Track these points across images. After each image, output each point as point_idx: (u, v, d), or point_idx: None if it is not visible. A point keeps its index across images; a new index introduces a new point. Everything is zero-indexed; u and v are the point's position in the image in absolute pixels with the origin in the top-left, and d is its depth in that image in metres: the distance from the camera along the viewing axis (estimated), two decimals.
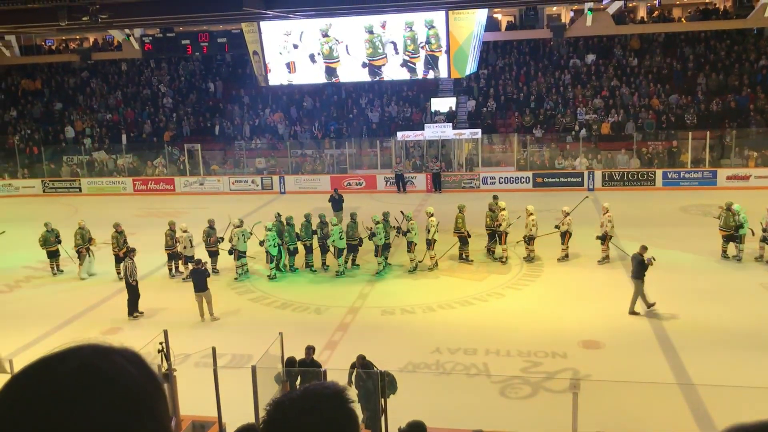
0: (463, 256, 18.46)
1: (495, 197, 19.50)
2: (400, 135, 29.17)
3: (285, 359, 10.39)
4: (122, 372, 1.12)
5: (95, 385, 1.08)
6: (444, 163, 29.33)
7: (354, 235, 18.02)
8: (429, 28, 18.26)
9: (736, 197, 19.01)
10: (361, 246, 18.17)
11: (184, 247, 17.88)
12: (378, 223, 17.75)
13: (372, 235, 17.65)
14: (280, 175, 30.13)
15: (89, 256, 18.59)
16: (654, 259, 14.51)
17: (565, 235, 18.07)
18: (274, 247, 17.71)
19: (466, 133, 28.98)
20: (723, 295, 15.33)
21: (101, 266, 18.74)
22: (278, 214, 18.67)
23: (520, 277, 17.35)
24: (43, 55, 36.56)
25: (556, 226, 18.28)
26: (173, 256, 18.21)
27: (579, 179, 27.57)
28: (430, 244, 17.91)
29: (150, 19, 16.07)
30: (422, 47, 18.56)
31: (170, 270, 18.33)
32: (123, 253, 17.90)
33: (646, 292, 14.44)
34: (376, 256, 17.84)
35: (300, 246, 18.29)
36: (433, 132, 28.91)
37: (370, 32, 18.86)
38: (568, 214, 18.07)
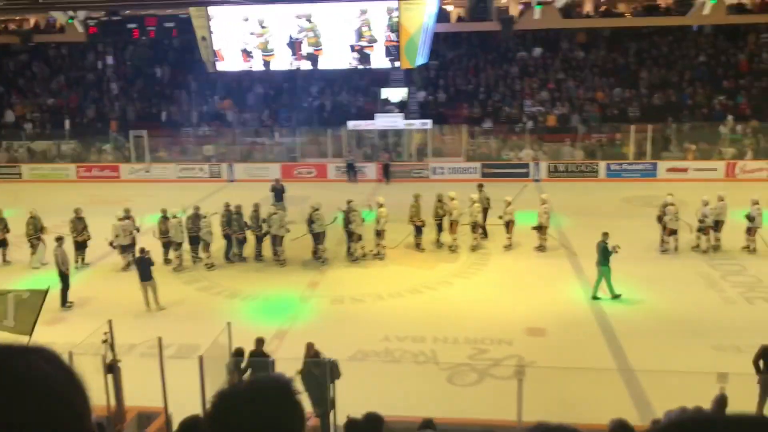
0: (417, 244, 18.63)
1: (480, 186, 19.92)
2: (351, 124, 29.12)
3: (234, 350, 10.34)
4: (36, 369, 1.10)
5: (8, 384, 1.06)
6: (391, 154, 29.38)
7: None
8: (391, 14, 18.26)
9: (675, 189, 19.64)
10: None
11: (116, 236, 17.49)
12: (317, 210, 17.73)
13: (311, 222, 17.66)
14: (229, 163, 29.75)
15: (42, 244, 18.05)
16: (619, 248, 14.91)
17: (509, 225, 18.41)
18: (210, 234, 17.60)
19: (417, 124, 29.12)
20: (662, 283, 15.87)
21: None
22: (227, 203, 18.47)
23: (468, 266, 17.60)
24: None
25: (500, 216, 18.60)
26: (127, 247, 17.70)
27: (525, 170, 28.01)
28: (380, 234, 18.01)
29: (94, 3, 15.66)
30: (385, 36, 18.53)
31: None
32: (83, 240, 17.54)
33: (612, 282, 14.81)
34: (316, 243, 17.82)
35: (250, 235, 18.16)
36: (384, 122, 28.96)
37: (309, 21, 18.84)
38: (509, 203, 18.41)
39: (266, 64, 19.82)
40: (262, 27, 19.10)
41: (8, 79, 35.41)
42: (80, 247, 17.79)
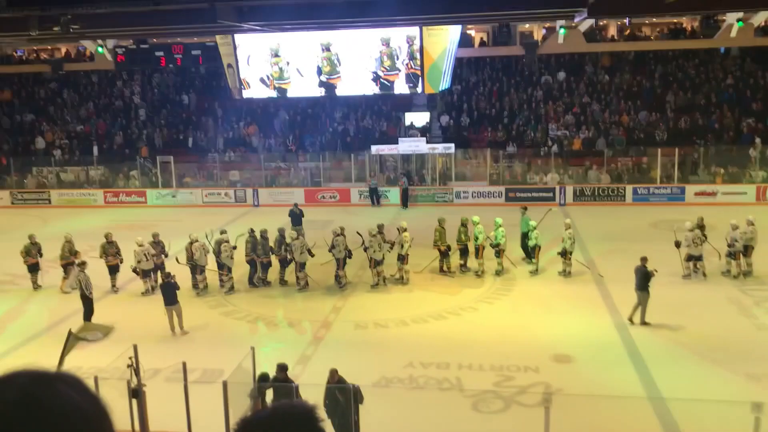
0: (444, 269, 18.50)
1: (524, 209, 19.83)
2: (374, 149, 29.25)
3: (258, 375, 10.29)
4: (65, 399, 1.10)
5: (38, 416, 1.05)
6: (407, 179, 29.18)
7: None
8: (411, 44, 18.39)
9: (704, 213, 19.36)
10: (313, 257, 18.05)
11: (138, 261, 17.53)
12: (338, 235, 17.71)
13: (331, 248, 17.63)
14: (254, 188, 29.98)
15: (75, 269, 18.18)
16: (656, 271, 14.70)
17: (534, 249, 18.24)
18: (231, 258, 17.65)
19: (440, 148, 29.14)
20: (692, 309, 15.55)
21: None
22: (251, 229, 18.49)
23: (492, 291, 17.43)
24: (14, 65, 36.06)
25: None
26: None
27: (551, 194, 27.86)
28: (403, 258, 17.93)
29: (123, 31, 15.97)
30: (405, 64, 18.68)
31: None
32: (115, 264, 17.71)
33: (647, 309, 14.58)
34: (337, 268, 17.78)
35: (274, 259, 18.17)
36: (407, 146, 29.05)
37: (327, 49, 19.02)
38: (534, 228, 18.25)
39: (281, 91, 20.06)
40: (276, 56, 19.36)
41: (39, 107, 36.18)
42: (112, 271, 17.90)
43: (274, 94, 20.54)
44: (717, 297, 16.34)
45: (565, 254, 17.93)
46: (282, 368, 10.52)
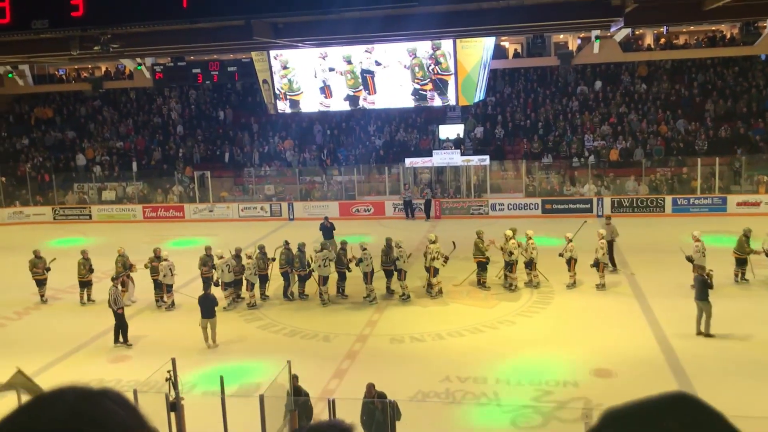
0: (481, 282, 18.35)
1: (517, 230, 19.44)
2: (408, 161, 29.25)
3: (293, 387, 10.31)
4: (111, 416, 1.11)
5: (85, 429, 1.07)
6: (430, 190, 29.12)
7: (343, 262, 18.01)
8: (436, 50, 18.37)
9: (748, 223, 18.89)
10: (350, 272, 18.08)
11: (164, 275, 17.71)
12: (365, 249, 17.70)
13: (359, 262, 17.61)
14: (289, 201, 30.20)
15: (131, 283, 18.47)
16: (712, 271, 14.53)
17: (571, 262, 17.99)
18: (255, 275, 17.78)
19: (474, 160, 29.01)
20: (737, 322, 15.14)
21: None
22: (286, 241, 18.59)
23: (530, 304, 17.22)
24: (56, 83, 37.01)
25: (560, 254, 18.22)
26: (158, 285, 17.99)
27: (588, 206, 27.49)
28: (430, 270, 17.83)
29: (161, 49, 16.23)
30: (431, 71, 18.64)
31: (156, 300, 18.10)
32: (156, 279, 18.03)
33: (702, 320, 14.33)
34: (365, 282, 17.73)
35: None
36: (441, 158, 28.98)
37: (349, 62, 19.10)
38: (570, 240, 18.02)
39: (294, 103, 20.21)
40: (284, 68, 19.53)
41: (80, 125, 37.03)
42: (159, 286, 18.13)
43: (309, 109, 20.70)
44: (763, 309, 15.89)
45: (598, 265, 17.65)
46: (371, 386, 10.35)
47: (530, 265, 18.12)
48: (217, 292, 16.89)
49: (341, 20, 11.62)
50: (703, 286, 14.31)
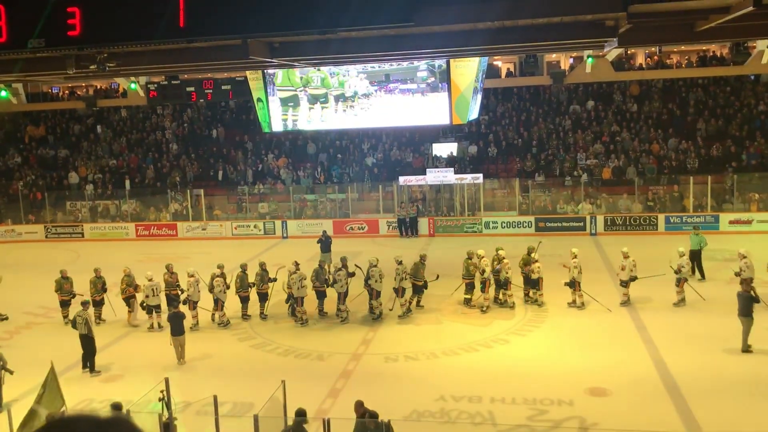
0: (467, 300, 18.31)
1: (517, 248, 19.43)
2: (402, 180, 29.32)
3: (296, 410, 10.21)
4: None
5: None
6: (417, 207, 29.24)
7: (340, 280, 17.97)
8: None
9: (740, 242, 18.98)
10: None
11: (147, 296, 17.53)
12: (374, 266, 17.63)
13: (367, 279, 17.60)
14: (283, 219, 30.17)
15: (137, 303, 18.16)
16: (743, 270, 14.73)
17: (538, 281, 17.99)
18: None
19: (468, 178, 29.11)
20: (731, 340, 15.14)
21: (106, 312, 18.57)
22: (296, 262, 18.42)
23: (524, 322, 17.20)
24: (49, 102, 37.00)
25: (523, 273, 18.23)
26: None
27: (581, 224, 27.60)
28: (398, 291, 17.79)
29: (156, 68, 16.29)
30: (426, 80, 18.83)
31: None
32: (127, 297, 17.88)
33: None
34: (372, 299, 17.71)
35: (311, 292, 18.14)
36: (434, 177, 29.07)
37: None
38: (536, 261, 17.99)
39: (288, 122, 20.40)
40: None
41: (72, 143, 36.98)
42: (171, 301, 17.91)
43: (303, 127, 20.76)
44: (756, 328, 15.88)
45: (572, 284, 17.70)
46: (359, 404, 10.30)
47: (505, 284, 18.09)
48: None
49: (337, 39, 11.70)
50: (747, 301, 14.36)
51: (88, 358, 14.95)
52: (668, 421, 11.57)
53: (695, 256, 19.57)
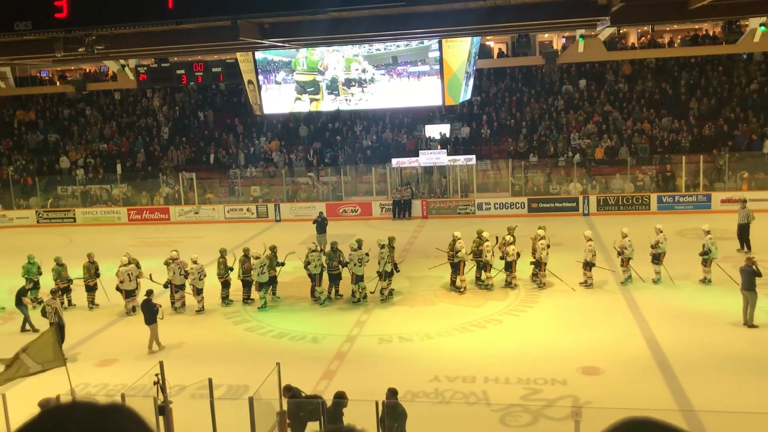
0: (452, 282, 18.30)
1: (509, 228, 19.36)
2: (395, 162, 29.26)
3: (284, 388, 10.25)
4: (123, 429, 1.11)
5: None
6: (411, 190, 29.20)
7: (334, 264, 17.95)
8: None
9: (732, 220, 19.07)
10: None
11: (121, 282, 17.46)
12: (383, 247, 17.63)
13: (307, 265, 17.59)
14: (276, 202, 30.10)
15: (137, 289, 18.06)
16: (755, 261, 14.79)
17: (512, 264, 18.02)
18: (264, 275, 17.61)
19: (461, 159, 29.06)
20: (722, 318, 15.27)
21: (100, 297, 18.54)
22: (314, 242, 18.32)
23: (517, 303, 17.27)
24: (39, 86, 36.65)
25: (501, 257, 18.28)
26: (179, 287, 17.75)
27: (574, 204, 27.65)
28: (381, 275, 17.72)
29: (146, 50, 16.13)
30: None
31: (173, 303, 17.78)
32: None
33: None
34: (352, 283, 17.66)
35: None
36: (427, 158, 29.00)
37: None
38: (511, 242, 17.99)
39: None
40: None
41: (63, 127, 36.70)
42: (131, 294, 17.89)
43: (295, 109, 20.66)
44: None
45: (587, 265, 17.76)
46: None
47: (486, 267, 18.12)
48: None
49: (328, 20, 11.60)
50: (750, 276, 14.45)
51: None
52: (660, 398, 11.67)
53: (743, 230, 19.57)
